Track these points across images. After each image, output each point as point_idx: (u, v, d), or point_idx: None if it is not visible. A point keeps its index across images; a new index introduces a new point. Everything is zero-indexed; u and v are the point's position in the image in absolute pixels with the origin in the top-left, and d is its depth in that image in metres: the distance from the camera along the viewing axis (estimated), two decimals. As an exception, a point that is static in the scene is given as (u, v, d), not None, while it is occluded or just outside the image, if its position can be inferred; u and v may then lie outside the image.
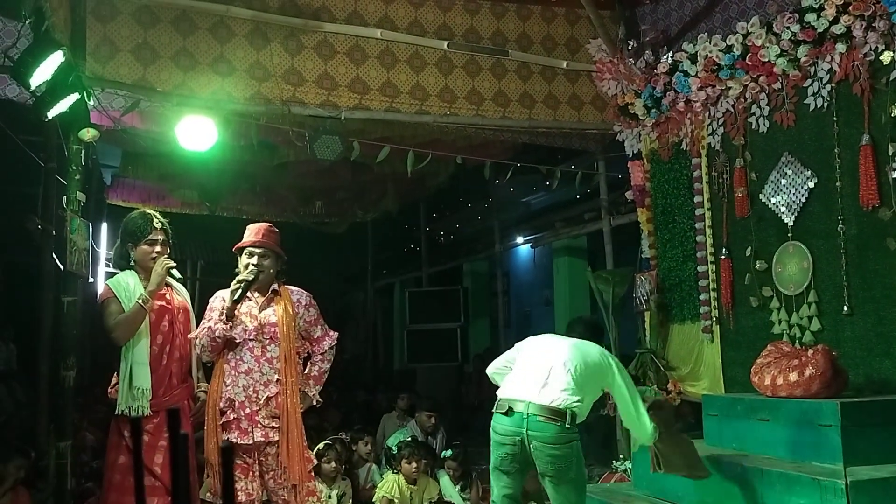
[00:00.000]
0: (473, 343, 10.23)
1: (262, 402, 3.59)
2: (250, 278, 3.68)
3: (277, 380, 3.64)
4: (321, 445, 5.16)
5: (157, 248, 3.66)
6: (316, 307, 3.92)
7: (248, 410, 3.57)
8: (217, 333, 3.60)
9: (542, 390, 3.46)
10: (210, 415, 3.61)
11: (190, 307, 3.82)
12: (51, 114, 3.81)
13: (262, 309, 3.73)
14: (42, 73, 3.56)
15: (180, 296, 3.81)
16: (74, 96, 3.78)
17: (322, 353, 3.91)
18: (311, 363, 3.90)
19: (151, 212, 3.77)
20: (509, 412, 3.47)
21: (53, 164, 6.06)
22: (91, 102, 4.17)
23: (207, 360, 3.69)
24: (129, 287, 3.57)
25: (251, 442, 3.54)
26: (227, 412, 3.57)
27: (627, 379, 3.66)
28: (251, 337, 3.65)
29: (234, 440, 3.52)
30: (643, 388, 5.03)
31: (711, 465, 3.65)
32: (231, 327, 3.63)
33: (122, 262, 3.72)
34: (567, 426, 3.42)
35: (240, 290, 3.66)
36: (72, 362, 3.96)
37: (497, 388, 3.73)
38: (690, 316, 4.91)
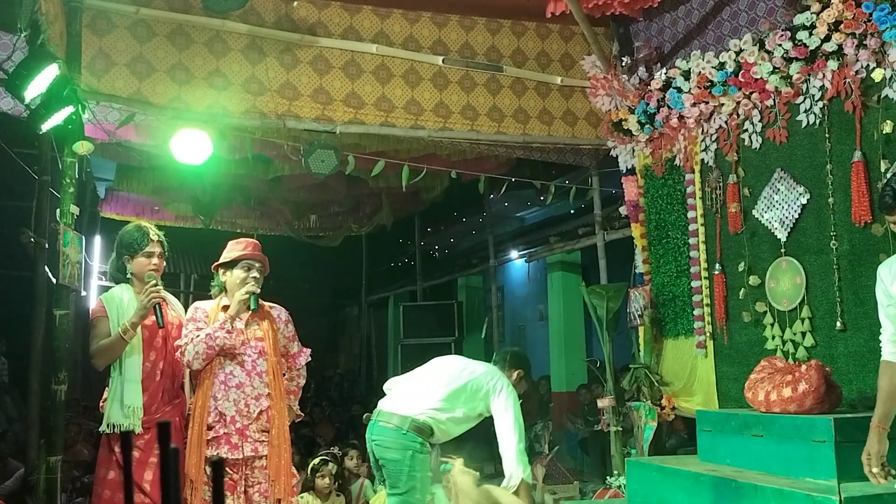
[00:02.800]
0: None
1: (253, 416, 3.57)
2: (258, 290, 3.68)
3: (268, 394, 3.62)
4: (316, 461, 5.13)
5: (155, 261, 3.61)
6: (292, 323, 3.93)
7: (238, 425, 3.54)
8: (218, 342, 3.53)
9: (400, 401, 3.69)
10: (195, 430, 3.51)
11: (185, 322, 3.78)
12: (45, 127, 3.81)
13: (247, 324, 3.72)
14: (37, 86, 3.56)
15: (175, 311, 3.77)
16: (69, 109, 3.78)
17: (298, 369, 3.95)
18: (288, 378, 3.89)
19: (147, 224, 3.75)
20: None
21: (47, 176, 6.05)
22: (86, 115, 4.17)
23: (199, 367, 3.61)
24: (122, 303, 3.53)
25: (241, 456, 3.51)
26: (217, 427, 3.53)
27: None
28: (241, 351, 3.64)
29: (225, 455, 3.48)
30: (637, 404, 5.03)
31: (706, 482, 3.64)
32: (235, 336, 3.62)
33: (118, 275, 3.68)
34: (404, 432, 3.55)
35: (251, 300, 3.64)
36: (63, 376, 3.93)
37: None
38: (684, 331, 4.92)
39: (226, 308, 3.66)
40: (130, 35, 4.56)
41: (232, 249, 3.76)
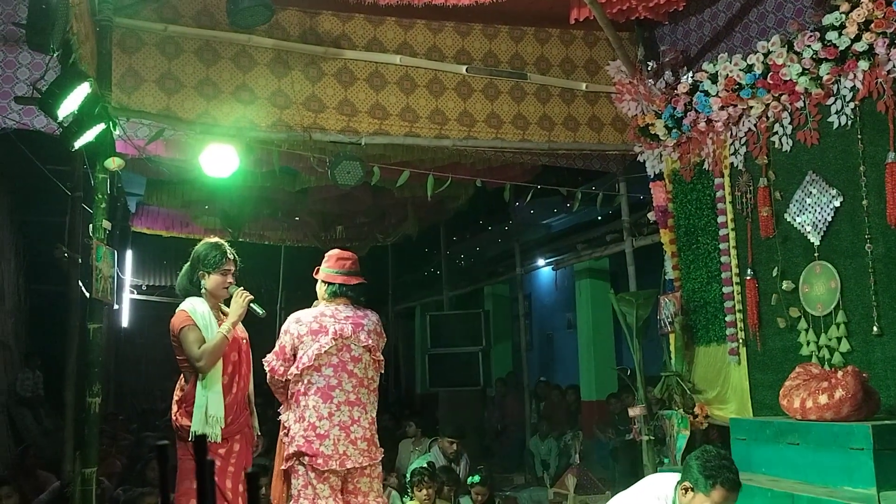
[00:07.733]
0: (496, 367, 10.17)
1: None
2: None
3: None
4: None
5: (229, 279, 3.78)
6: None
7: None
8: None
9: None
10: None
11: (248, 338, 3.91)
12: (77, 144, 3.87)
13: None
14: (69, 105, 3.63)
15: (240, 327, 3.88)
16: (100, 126, 3.85)
17: None
18: None
19: (223, 242, 3.85)
20: None
21: (80, 192, 6.18)
22: (116, 132, 4.24)
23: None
24: (205, 315, 3.67)
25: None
26: None
27: None
28: None
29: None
30: (669, 413, 4.96)
31: (741, 491, 3.57)
32: None
33: (190, 287, 3.79)
34: None
35: None
36: (97, 389, 3.99)
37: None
38: (716, 338, 4.84)
39: None
40: (159, 52, 4.63)
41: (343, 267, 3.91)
